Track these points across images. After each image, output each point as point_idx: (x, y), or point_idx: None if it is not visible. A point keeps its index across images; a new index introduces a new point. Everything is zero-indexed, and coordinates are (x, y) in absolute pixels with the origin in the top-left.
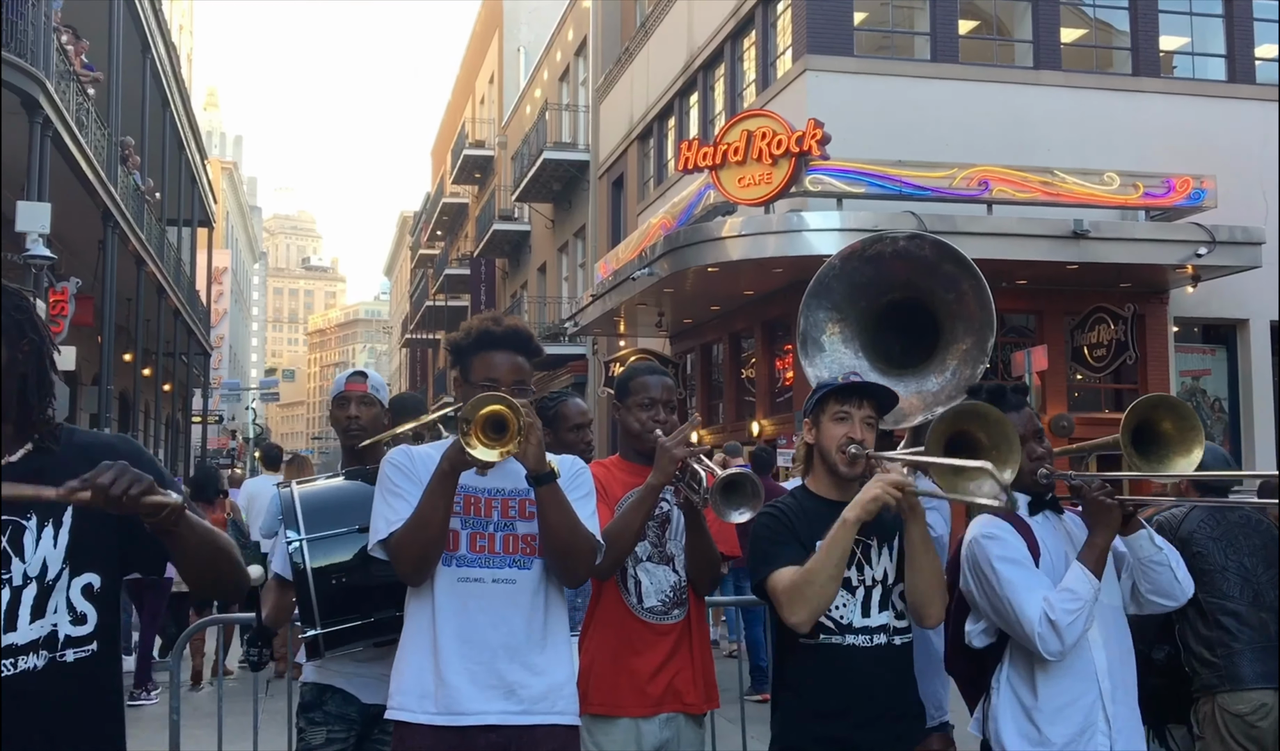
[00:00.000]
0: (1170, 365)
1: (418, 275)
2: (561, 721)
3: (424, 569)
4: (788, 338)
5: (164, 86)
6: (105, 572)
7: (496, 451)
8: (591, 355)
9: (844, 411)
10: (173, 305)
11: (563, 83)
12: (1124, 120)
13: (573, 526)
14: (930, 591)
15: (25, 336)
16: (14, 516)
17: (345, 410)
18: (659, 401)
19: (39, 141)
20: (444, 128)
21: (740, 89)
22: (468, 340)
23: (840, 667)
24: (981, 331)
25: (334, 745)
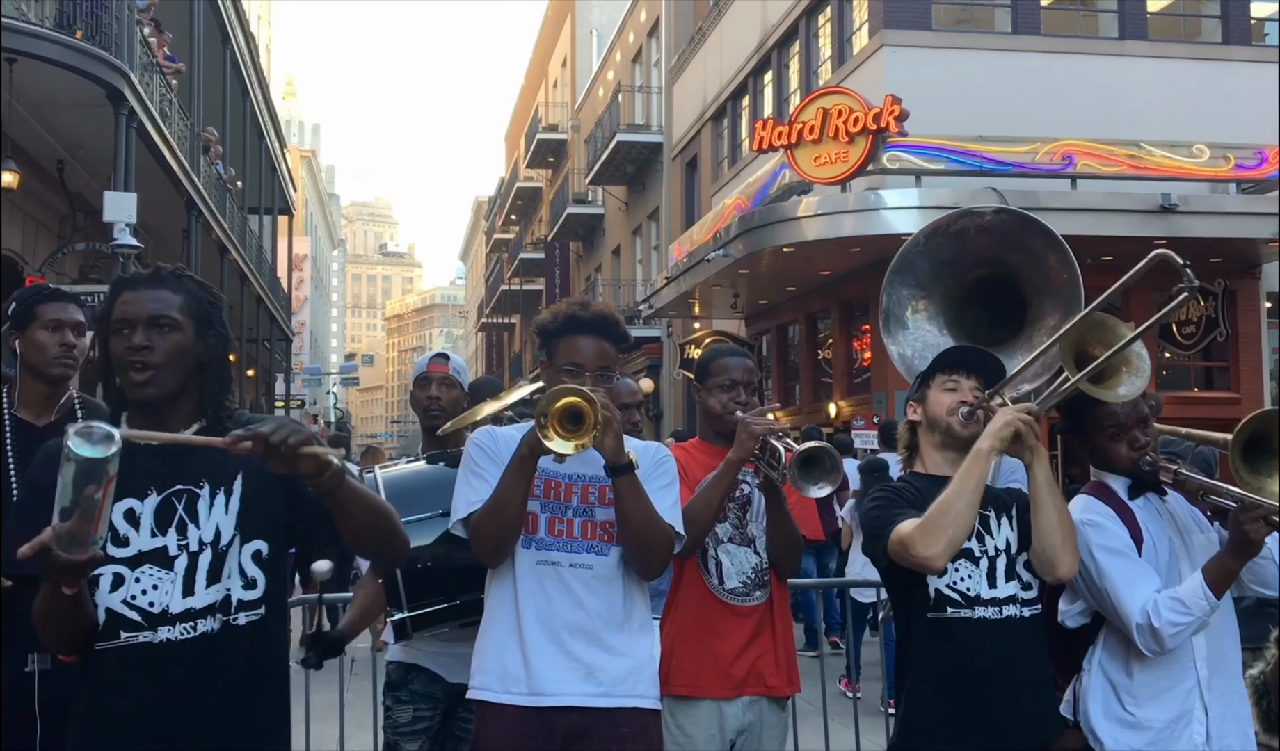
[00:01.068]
0: (1263, 342)
1: (492, 260)
2: (642, 704)
3: (502, 550)
4: (865, 318)
5: (243, 76)
6: (273, 540)
7: (572, 443)
8: (666, 338)
9: (953, 381)
10: (255, 292)
11: (635, 64)
12: (1214, 90)
13: (649, 518)
14: (1060, 537)
15: (214, 329)
16: (188, 485)
17: (426, 391)
18: (739, 383)
19: (124, 133)
20: (517, 112)
21: (815, 66)
22: (554, 324)
23: (970, 642)
24: (1069, 306)
25: (420, 723)
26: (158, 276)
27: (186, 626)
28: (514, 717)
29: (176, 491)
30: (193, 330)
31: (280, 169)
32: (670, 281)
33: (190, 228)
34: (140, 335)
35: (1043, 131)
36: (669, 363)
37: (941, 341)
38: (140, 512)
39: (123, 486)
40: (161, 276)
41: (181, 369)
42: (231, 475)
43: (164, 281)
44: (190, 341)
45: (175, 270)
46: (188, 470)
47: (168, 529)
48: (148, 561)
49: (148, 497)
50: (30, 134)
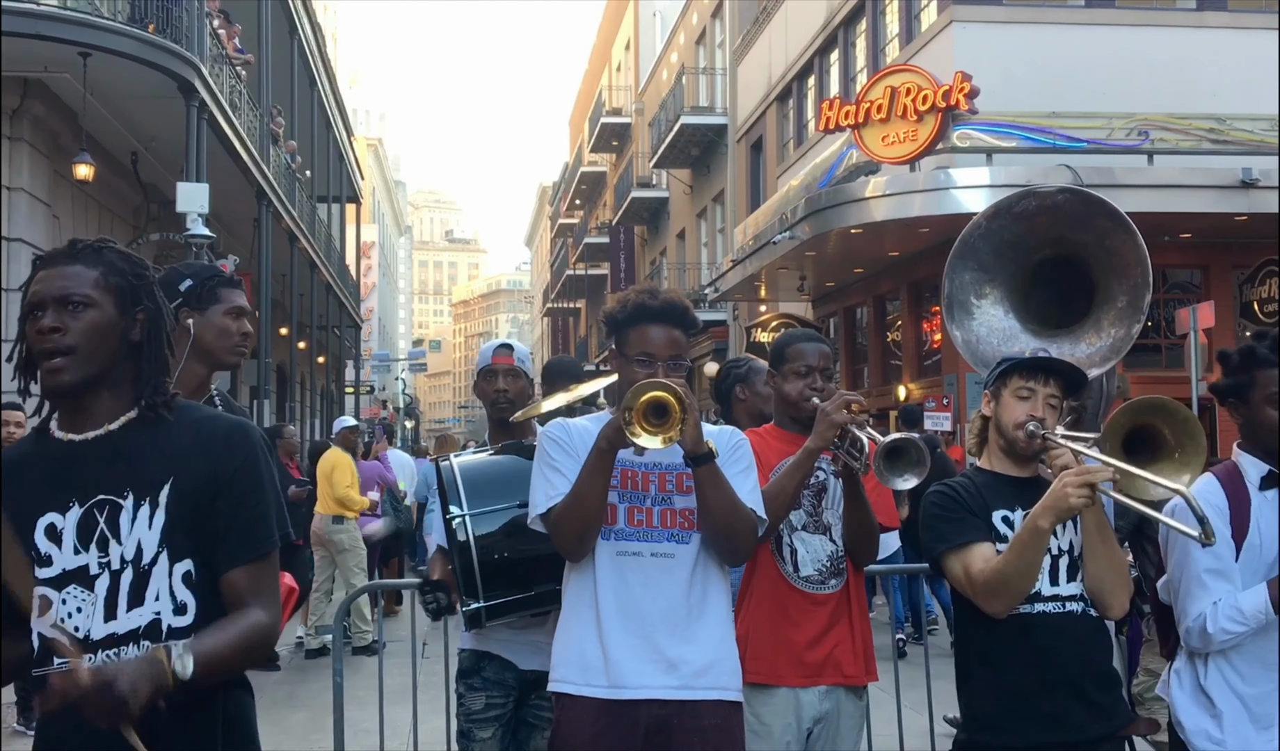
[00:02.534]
0: None
1: (557, 245)
2: (724, 697)
3: (584, 543)
4: (935, 299)
5: (311, 67)
6: (205, 559)
7: (659, 438)
8: (732, 321)
9: (1028, 388)
10: (324, 280)
11: (699, 46)
12: None
13: (732, 505)
14: (1110, 581)
15: (141, 304)
16: (110, 494)
17: (493, 383)
18: (815, 369)
19: (195, 124)
20: (581, 96)
21: (883, 44)
22: (623, 313)
23: (1034, 637)
24: (1137, 288)
25: (493, 710)
26: (72, 251)
27: (109, 654)
28: (594, 710)
29: (99, 502)
30: (113, 307)
31: (348, 157)
32: (736, 264)
33: (260, 217)
34: (50, 316)
35: (1118, 106)
36: (735, 347)
37: (1007, 325)
38: (62, 528)
39: (44, 498)
40: (76, 251)
41: (102, 351)
42: (158, 483)
43: (79, 256)
44: (111, 319)
45: (95, 243)
46: (110, 477)
47: (89, 544)
48: (71, 581)
49: (70, 510)
50: (105, 127)
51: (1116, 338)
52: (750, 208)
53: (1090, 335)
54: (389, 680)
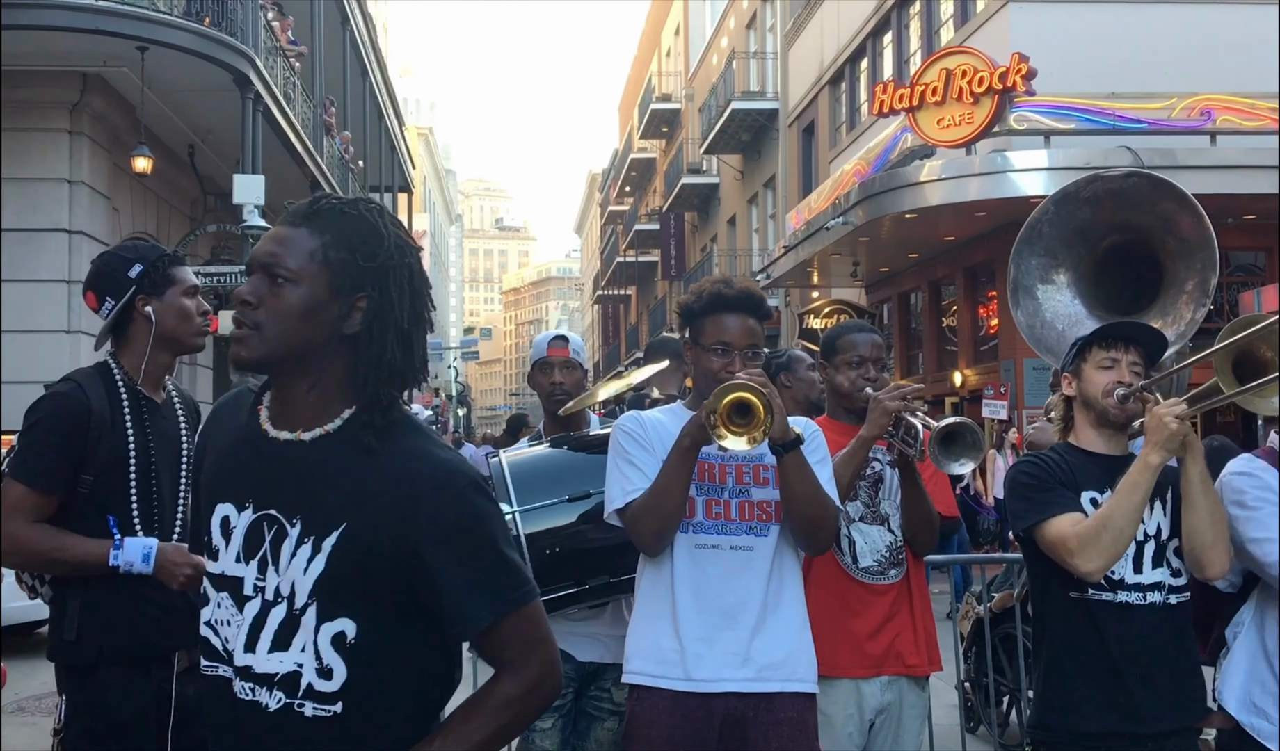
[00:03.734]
0: None
1: (607, 232)
2: (800, 689)
3: (662, 540)
4: (991, 284)
5: (363, 57)
6: (365, 621)
7: (745, 438)
8: (784, 307)
9: (1111, 358)
10: None
11: (750, 30)
12: None
13: (817, 494)
14: (1212, 535)
15: (365, 291)
16: (281, 512)
17: (549, 376)
18: (868, 359)
19: (250, 116)
20: (630, 83)
21: (937, 26)
22: (699, 303)
23: (1113, 625)
24: (1204, 271)
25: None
26: (308, 210)
27: (245, 687)
28: (670, 701)
29: (269, 517)
30: (326, 287)
31: (399, 147)
32: (788, 250)
33: None
34: (250, 285)
35: (1179, 86)
36: (787, 333)
37: (1074, 311)
38: (234, 526)
39: (226, 483)
40: (312, 211)
41: (298, 337)
42: (328, 526)
43: (310, 218)
44: (318, 301)
45: (342, 204)
46: (286, 494)
47: (252, 558)
48: (226, 588)
49: (245, 510)
50: (162, 119)
51: (1184, 322)
52: (802, 193)
53: (1157, 319)
54: None
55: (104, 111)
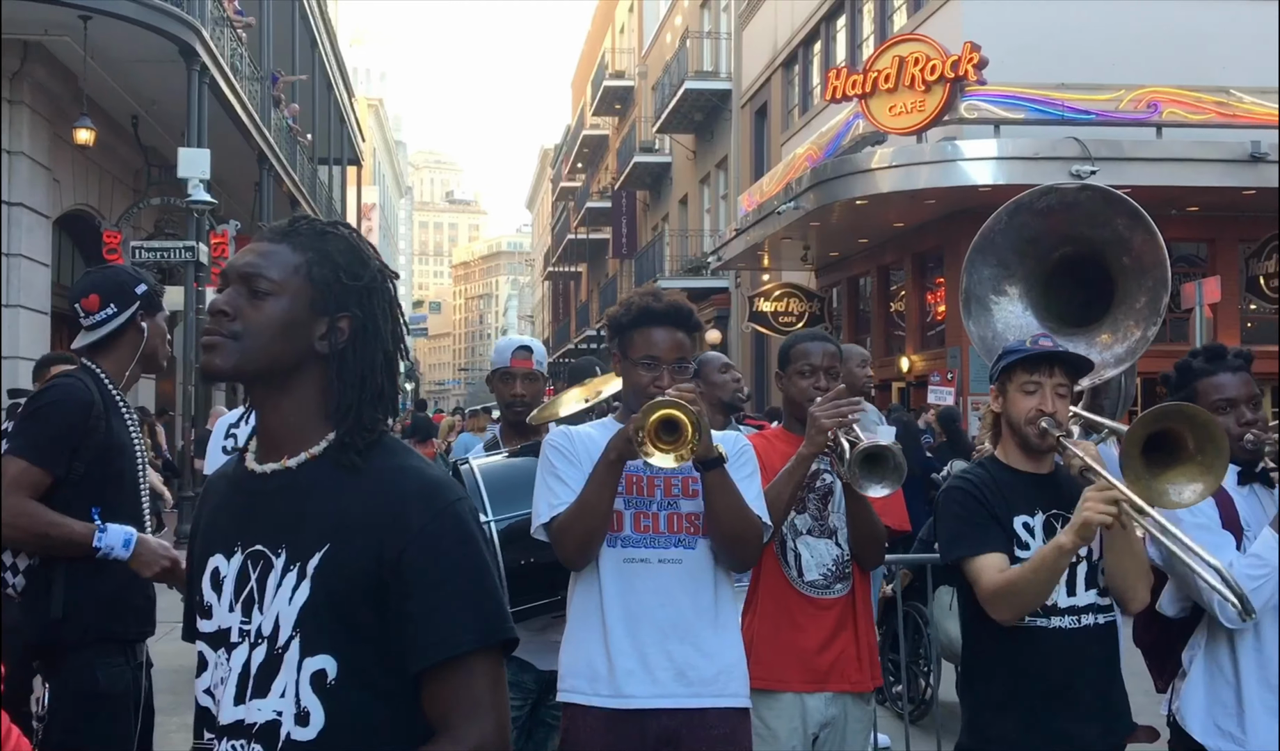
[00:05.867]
0: None
1: (559, 208)
2: (733, 704)
3: (587, 553)
4: (939, 271)
5: (312, 27)
6: (347, 660)
7: (672, 456)
8: (735, 289)
9: (1034, 382)
10: None
11: (704, 9)
12: None
13: (740, 511)
14: (1132, 573)
15: (348, 310)
16: (266, 545)
17: (510, 387)
18: (820, 369)
19: (196, 88)
20: (584, 58)
21: (890, 12)
22: (627, 316)
23: (1046, 651)
24: (1156, 289)
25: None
26: (286, 229)
27: (234, 745)
28: (603, 720)
29: (255, 553)
30: (307, 304)
31: (349, 120)
32: (740, 233)
33: (262, 181)
34: (226, 295)
35: (1127, 78)
36: (737, 315)
37: (1025, 322)
38: (224, 575)
39: (216, 535)
40: (290, 230)
41: (274, 352)
42: (312, 548)
43: (290, 235)
44: (298, 317)
45: (322, 225)
46: (271, 525)
47: (238, 601)
48: (220, 644)
49: (234, 555)
50: (105, 90)
51: (1133, 339)
52: (754, 175)
53: (1107, 335)
54: None
55: (45, 81)
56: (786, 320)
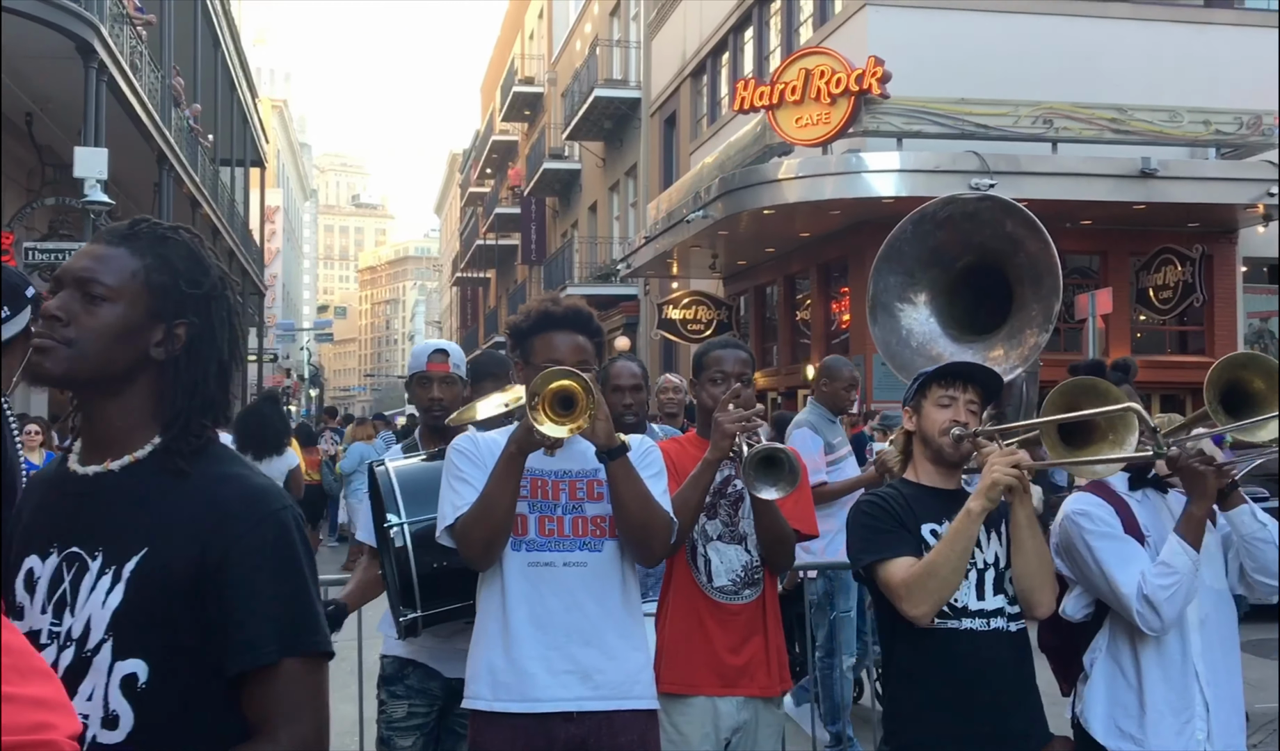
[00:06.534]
0: (1238, 306)
1: (467, 213)
2: (640, 706)
3: (491, 553)
4: (844, 280)
5: (215, 26)
6: (159, 664)
7: (565, 427)
8: (644, 296)
9: (948, 396)
10: (227, 246)
11: (613, 17)
12: (1195, 54)
13: (646, 501)
14: (1038, 576)
15: (186, 318)
16: (82, 549)
17: (428, 391)
18: (731, 375)
19: (94, 86)
20: (493, 64)
21: (796, 25)
22: (528, 322)
23: (959, 653)
24: (1048, 298)
25: (415, 719)
26: (126, 231)
27: None
28: (509, 726)
29: (71, 555)
30: (144, 311)
31: (252, 120)
32: (648, 241)
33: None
34: (59, 300)
35: (1025, 94)
36: (646, 322)
37: (928, 329)
38: (39, 576)
39: (32, 536)
40: (130, 233)
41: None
42: (129, 551)
43: (129, 239)
44: (134, 324)
45: (164, 230)
46: (88, 526)
47: (49, 603)
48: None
49: (49, 556)
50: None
51: (1028, 345)
52: (663, 183)
53: (1005, 342)
54: None
55: None
56: (695, 328)
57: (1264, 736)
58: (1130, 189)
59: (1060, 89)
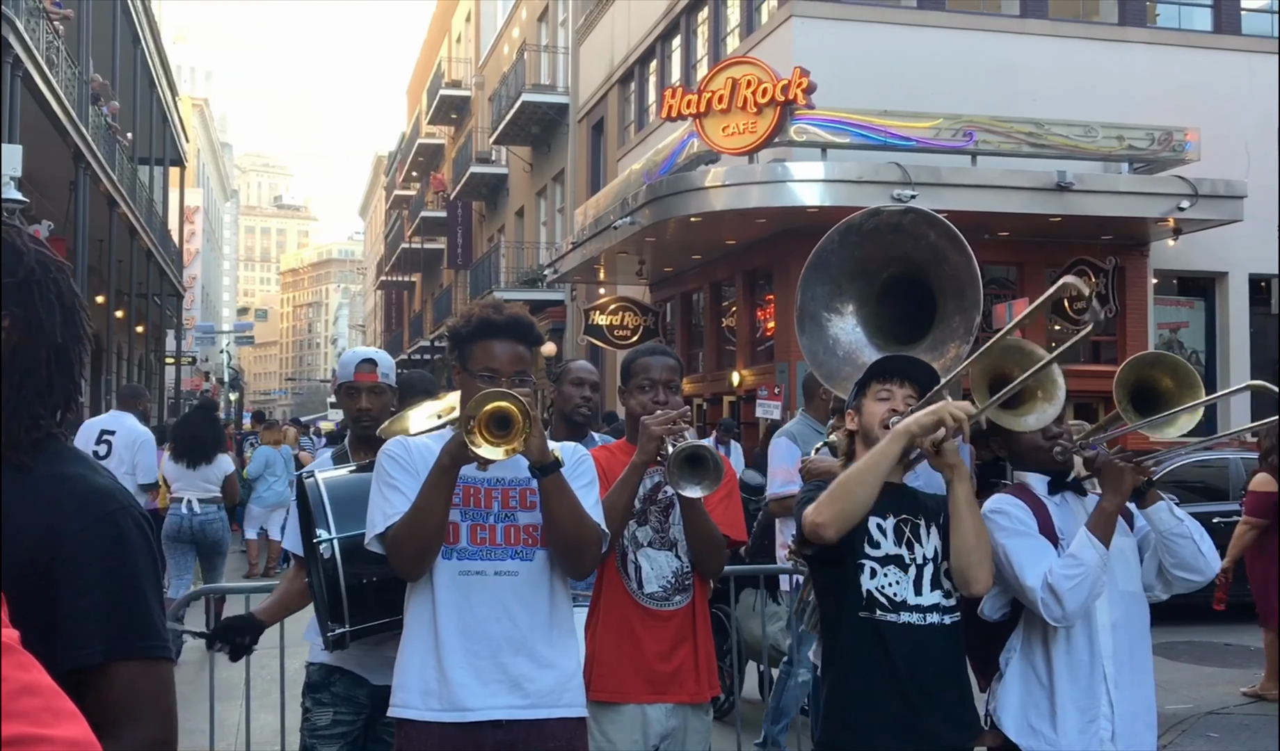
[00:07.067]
0: (1149, 317)
1: (392, 216)
2: (569, 714)
3: (423, 563)
4: (769, 287)
5: (134, 22)
6: None
7: (501, 449)
8: (570, 302)
9: (887, 390)
10: (145, 246)
11: (541, 23)
12: (1109, 71)
13: (578, 517)
14: (976, 553)
15: (7, 309)
16: None
17: (356, 402)
18: (659, 382)
19: (9, 81)
20: (420, 66)
21: (724, 34)
22: (467, 328)
23: (898, 645)
24: (969, 310)
25: (340, 727)
26: None
27: None
28: (437, 735)
29: None
30: None
31: (172, 119)
32: (576, 247)
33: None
34: None
35: (946, 107)
36: (572, 328)
37: (855, 338)
38: None
39: None
40: None
41: None
42: None
43: None
44: None
45: None
46: None
47: None
48: None
49: None
50: None
51: (949, 356)
52: (591, 189)
53: (928, 352)
54: (219, 673)
55: None
56: (622, 334)
57: (1175, 736)
58: (1046, 202)
59: (980, 102)
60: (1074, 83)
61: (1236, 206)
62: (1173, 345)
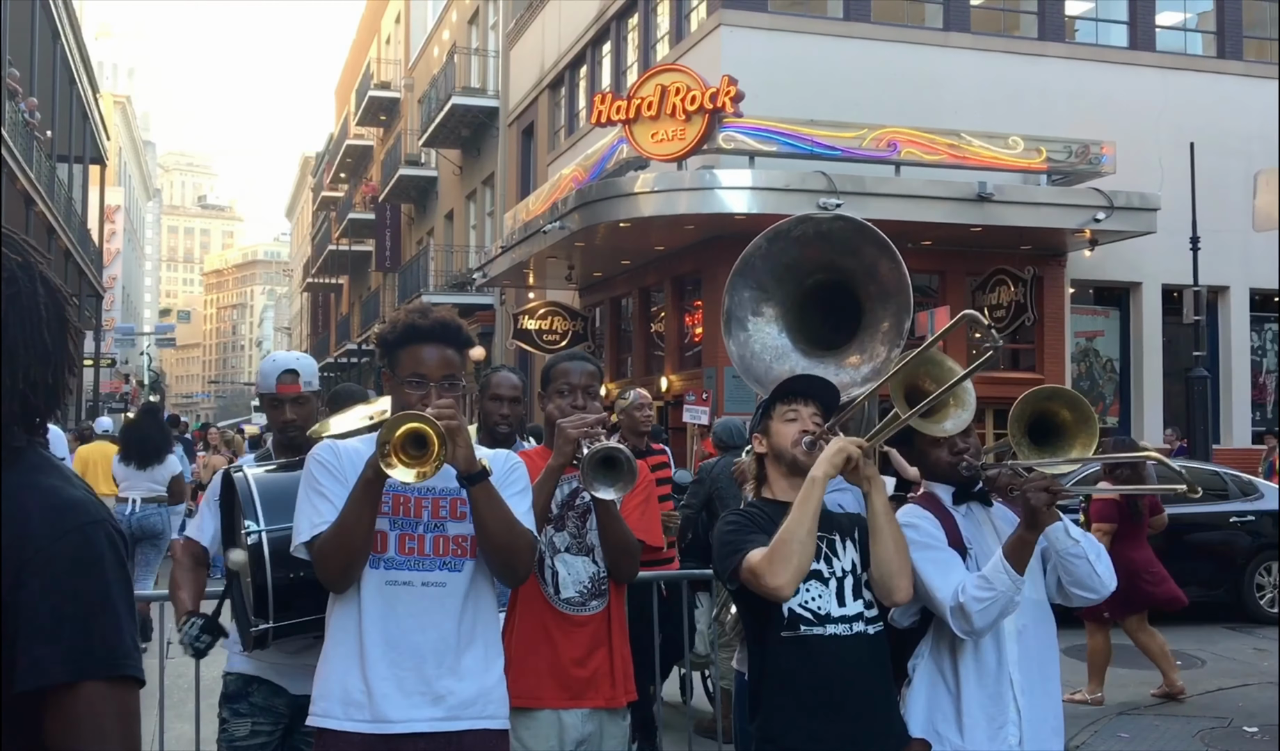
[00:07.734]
0: (1066, 326)
1: (320, 218)
2: (491, 725)
3: (349, 576)
4: (697, 293)
5: (54, 18)
6: None
7: (414, 471)
8: (499, 306)
9: (793, 410)
10: (63, 246)
11: (472, 26)
12: (1029, 84)
13: (509, 524)
14: (896, 562)
15: None
16: None
17: (280, 414)
18: (577, 387)
19: None
20: (349, 66)
21: (653, 41)
22: (394, 334)
23: (825, 659)
24: (899, 314)
25: (259, 737)
26: None
27: None
28: (359, 745)
29: None
30: None
31: (92, 115)
32: (505, 250)
33: None
34: None
35: (871, 117)
36: (501, 332)
37: (780, 343)
38: None
39: None
40: None
41: None
42: None
43: None
44: None
45: None
46: None
47: None
48: None
49: None
50: None
51: (879, 360)
52: (521, 193)
53: (855, 356)
54: None
55: None
56: (551, 338)
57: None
58: (968, 212)
59: (903, 113)
60: (995, 95)
61: (1150, 218)
62: (1088, 353)
